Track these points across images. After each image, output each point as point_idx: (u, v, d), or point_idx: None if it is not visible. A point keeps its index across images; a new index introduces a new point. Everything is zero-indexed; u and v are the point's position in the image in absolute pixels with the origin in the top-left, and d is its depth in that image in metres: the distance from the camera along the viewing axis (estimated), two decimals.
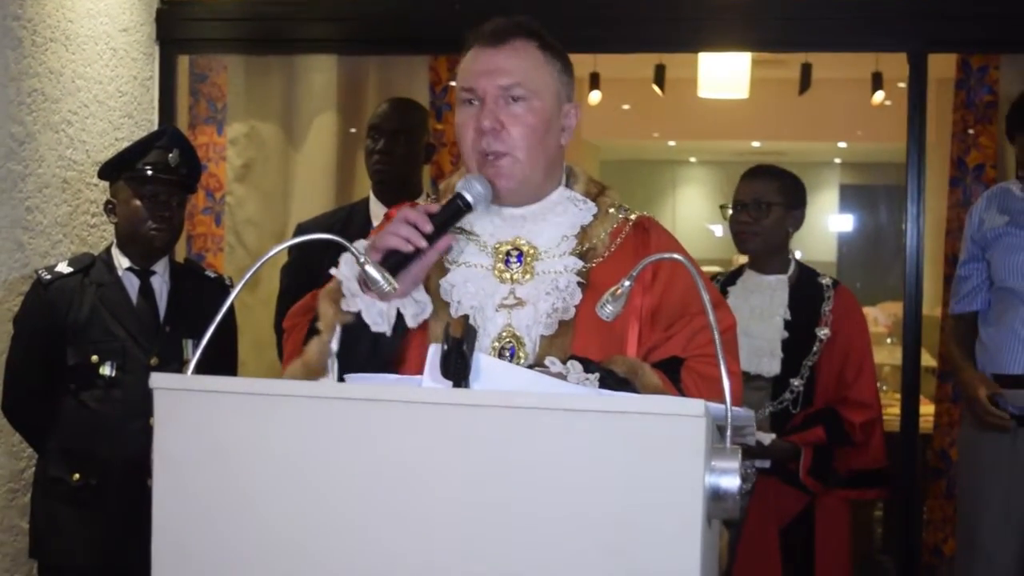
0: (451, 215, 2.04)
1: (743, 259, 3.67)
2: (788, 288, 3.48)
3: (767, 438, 3.29)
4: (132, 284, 3.35)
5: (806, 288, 3.48)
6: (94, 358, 3.26)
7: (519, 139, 2.08)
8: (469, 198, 2.04)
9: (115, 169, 3.35)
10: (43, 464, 3.39)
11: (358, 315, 2.00)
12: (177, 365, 3.25)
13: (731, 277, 3.59)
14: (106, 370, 3.26)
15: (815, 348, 3.39)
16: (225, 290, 3.51)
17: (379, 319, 2.00)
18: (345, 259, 2.02)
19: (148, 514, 3.26)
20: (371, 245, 1.99)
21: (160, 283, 3.38)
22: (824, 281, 3.50)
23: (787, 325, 3.42)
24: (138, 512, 3.16)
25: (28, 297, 3.40)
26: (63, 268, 3.36)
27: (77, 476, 3.26)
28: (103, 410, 3.26)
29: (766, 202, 3.47)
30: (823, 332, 3.41)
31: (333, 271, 2.02)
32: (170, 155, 3.31)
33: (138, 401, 3.20)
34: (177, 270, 3.46)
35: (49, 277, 3.33)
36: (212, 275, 3.60)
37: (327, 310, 2.02)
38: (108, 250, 3.41)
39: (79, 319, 3.29)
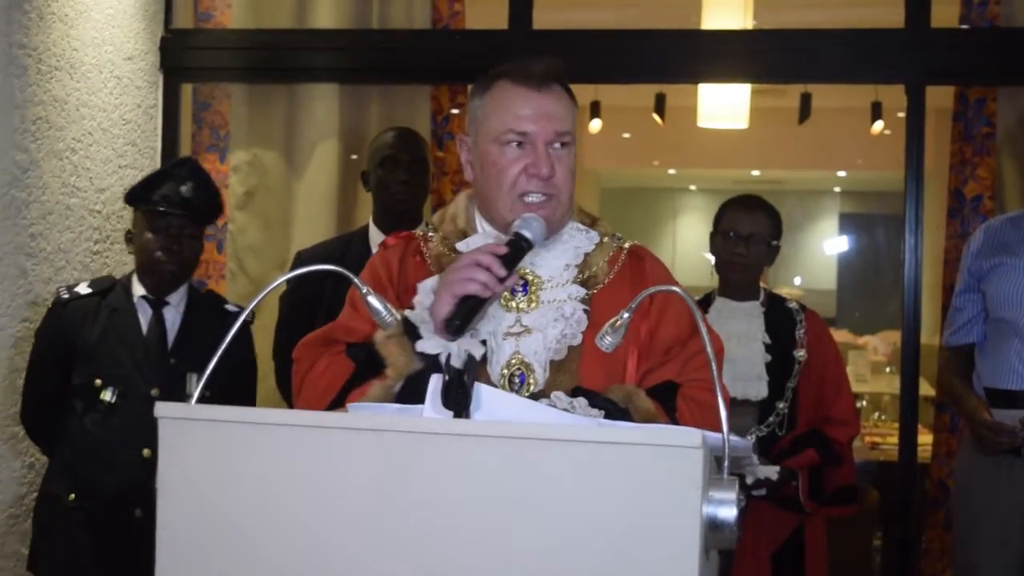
0: (516, 256, 2.05)
1: None
2: (763, 314, 3.52)
3: (772, 471, 3.29)
4: (145, 313, 3.35)
5: (778, 313, 3.53)
6: (97, 382, 3.27)
7: (563, 182, 2.15)
8: (530, 236, 2.07)
9: (134, 199, 3.36)
10: (47, 478, 3.40)
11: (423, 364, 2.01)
12: (179, 399, 3.23)
13: (702, 303, 3.61)
14: (107, 396, 3.26)
15: (795, 370, 3.44)
16: (244, 326, 3.48)
17: (452, 358, 2.01)
18: (417, 302, 2.05)
19: (135, 544, 3.27)
20: (445, 287, 2.00)
21: (173, 314, 3.37)
22: (793, 306, 3.55)
23: (767, 349, 3.46)
24: (125, 542, 3.19)
25: (47, 314, 3.43)
26: (82, 289, 3.38)
27: (73, 496, 3.25)
28: (100, 435, 3.25)
29: (761, 236, 3.50)
30: (800, 354, 3.46)
31: (408, 313, 2.04)
32: (183, 187, 3.30)
33: (134, 431, 3.20)
34: (195, 302, 3.43)
35: (67, 296, 3.36)
36: (233, 308, 3.53)
37: (399, 358, 2.01)
38: (129, 276, 3.41)
39: (89, 341, 3.30)
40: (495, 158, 2.15)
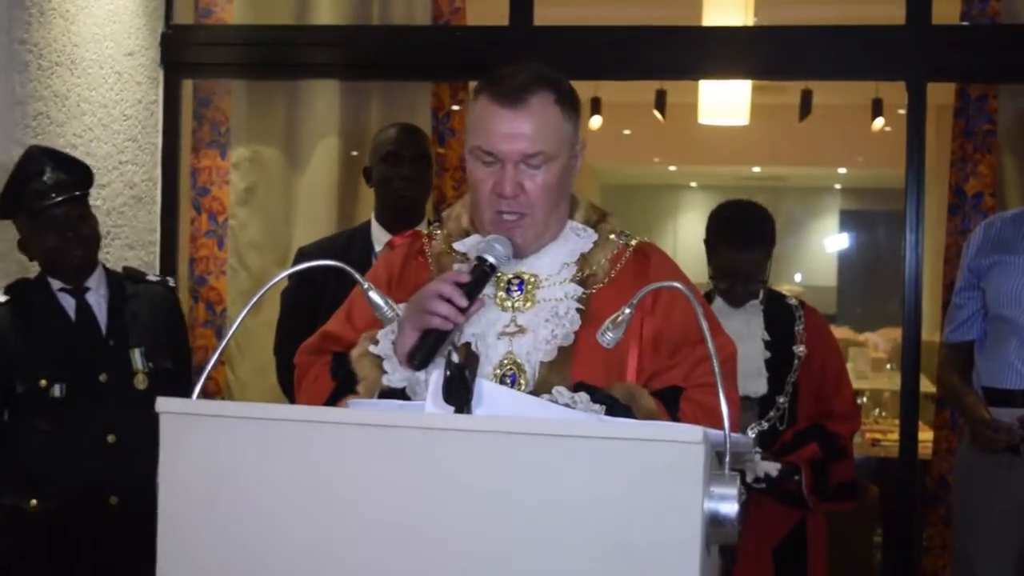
0: (480, 282, 2.04)
1: None
2: (762, 311, 3.52)
3: (773, 468, 3.29)
4: (69, 304, 3.30)
5: (777, 310, 3.53)
6: (43, 382, 3.20)
7: (537, 200, 2.11)
8: (493, 261, 2.06)
9: (9, 210, 3.28)
10: None
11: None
12: (128, 377, 3.25)
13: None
14: (56, 392, 3.20)
15: (795, 365, 3.45)
16: (171, 292, 3.53)
17: (420, 389, 2.01)
18: (382, 335, 2.04)
19: (113, 533, 3.24)
20: (408, 320, 2.00)
21: (96, 298, 3.32)
22: (792, 302, 3.56)
23: (767, 345, 3.46)
24: (101, 533, 3.17)
25: None
26: None
27: (35, 502, 3.19)
28: (58, 433, 3.20)
29: (755, 274, 3.48)
30: (800, 349, 3.46)
31: (372, 348, 2.04)
32: (45, 176, 3.22)
33: (92, 421, 3.20)
34: (114, 280, 3.39)
35: None
36: (154, 279, 3.53)
37: (370, 373, 2.04)
38: (42, 275, 3.33)
39: (20, 345, 3.23)
40: (471, 169, 2.14)
